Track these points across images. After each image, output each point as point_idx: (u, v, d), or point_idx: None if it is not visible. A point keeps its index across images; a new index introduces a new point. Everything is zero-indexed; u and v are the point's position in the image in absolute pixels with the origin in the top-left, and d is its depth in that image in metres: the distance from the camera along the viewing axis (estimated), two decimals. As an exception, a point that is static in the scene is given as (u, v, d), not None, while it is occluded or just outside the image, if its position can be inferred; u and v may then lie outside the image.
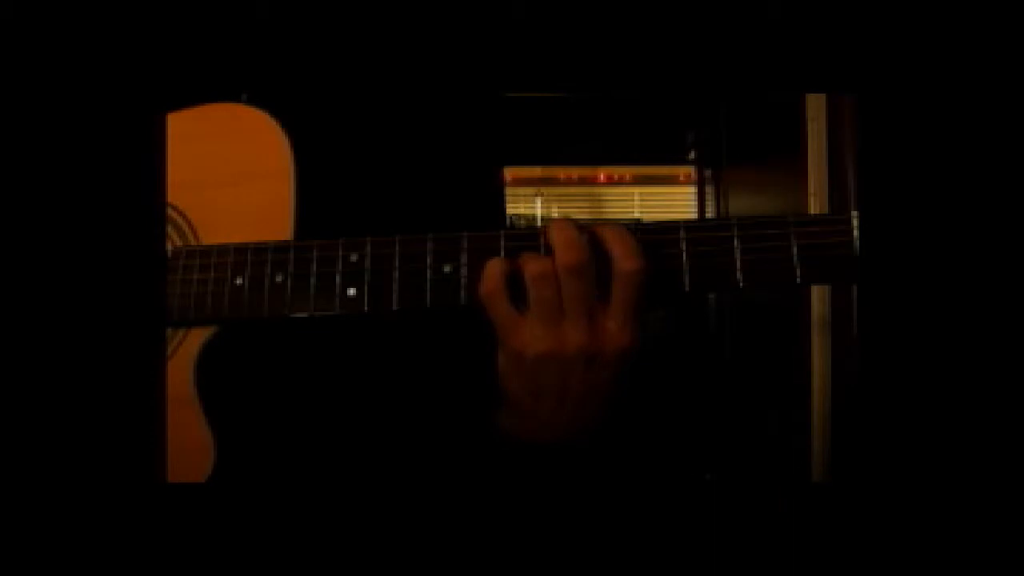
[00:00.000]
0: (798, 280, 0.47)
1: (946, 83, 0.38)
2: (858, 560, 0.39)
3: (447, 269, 0.51)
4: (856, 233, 0.45)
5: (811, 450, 1.67)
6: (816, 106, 1.66)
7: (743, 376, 2.25)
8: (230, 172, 0.57)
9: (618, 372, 0.51)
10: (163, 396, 0.46)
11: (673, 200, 3.88)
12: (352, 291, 0.52)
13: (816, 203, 1.66)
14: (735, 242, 0.48)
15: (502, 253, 0.51)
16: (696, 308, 2.54)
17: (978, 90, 0.37)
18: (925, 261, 0.37)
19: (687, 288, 0.49)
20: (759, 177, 2.44)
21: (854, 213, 0.46)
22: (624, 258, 0.49)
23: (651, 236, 0.50)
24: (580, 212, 3.97)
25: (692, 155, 3.56)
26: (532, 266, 0.50)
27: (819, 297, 1.65)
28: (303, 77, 0.50)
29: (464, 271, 0.51)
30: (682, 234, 0.50)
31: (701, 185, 3.47)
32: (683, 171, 3.79)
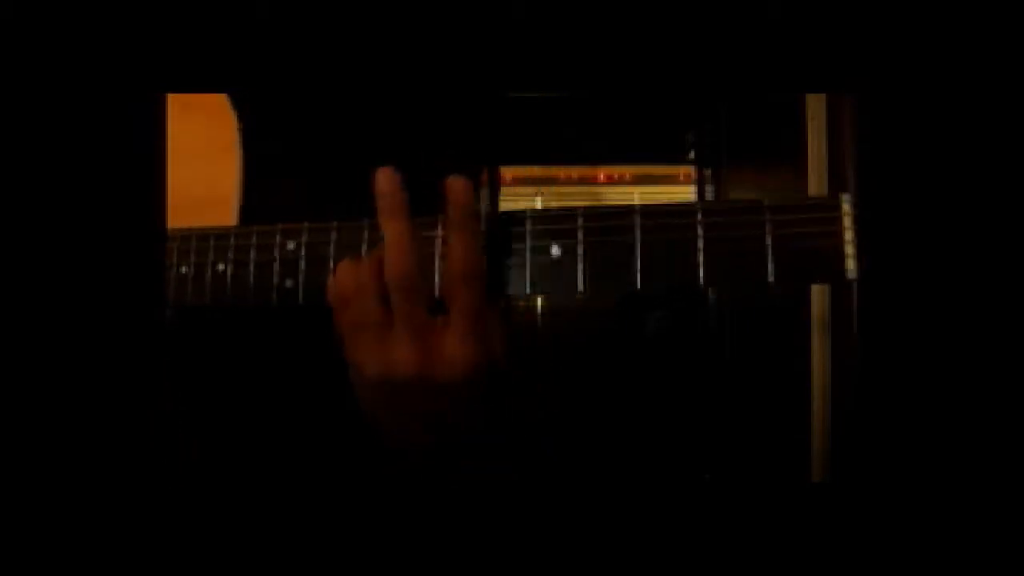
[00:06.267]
0: (770, 278, 0.41)
1: (946, 83, 0.38)
2: (858, 560, 0.39)
3: None
4: (847, 221, 0.39)
5: (811, 450, 1.67)
6: (816, 106, 1.66)
7: (743, 376, 2.25)
8: (177, 149, 0.53)
9: (471, 393, 0.45)
10: (161, 386, 0.46)
11: (673, 199, 3.88)
12: (289, 282, 0.49)
13: (816, 203, 1.65)
14: (698, 229, 0.42)
15: (436, 245, 0.47)
16: (696, 308, 2.53)
17: (978, 90, 0.37)
18: (925, 260, 0.37)
19: (637, 285, 0.43)
20: (759, 177, 2.43)
21: (844, 196, 0.40)
22: (459, 259, 0.43)
23: (602, 222, 0.44)
24: (580, 212, 3.96)
25: (692, 155, 3.56)
26: (342, 278, 0.44)
27: (819, 297, 1.65)
28: (279, 64, 0.48)
29: None
30: (637, 220, 0.44)
31: (701, 185, 3.46)
32: (683, 170, 3.79)
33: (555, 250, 0.45)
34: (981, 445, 0.36)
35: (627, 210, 0.44)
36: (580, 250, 0.44)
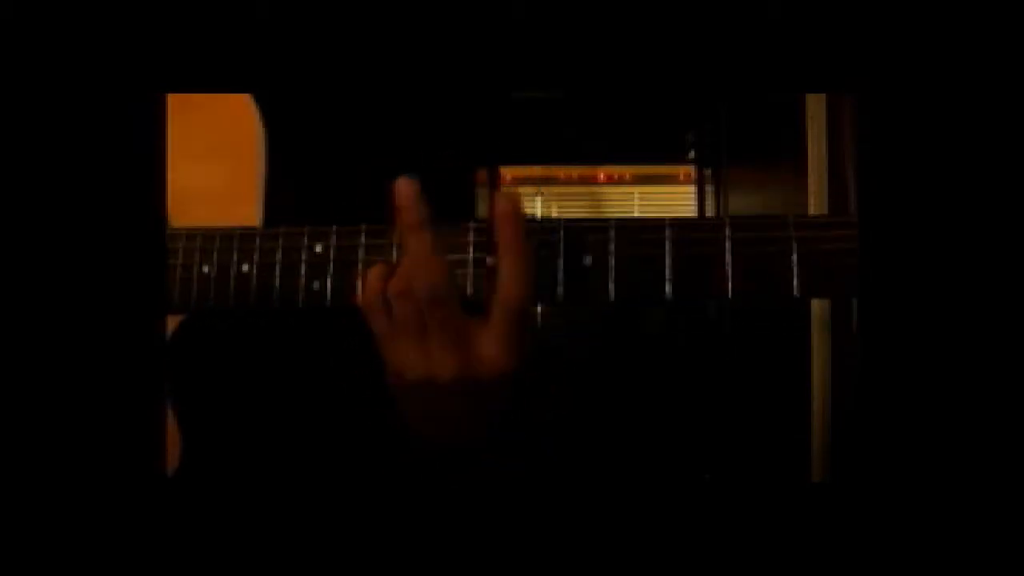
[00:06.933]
0: (796, 292, 0.42)
1: (946, 83, 0.38)
2: (858, 560, 0.39)
3: None
4: None
5: (811, 450, 1.67)
6: (816, 106, 1.66)
7: (743, 376, 2.25)
8: (199, 147, 0.55)
9: (504, 393, 0.47)
10: (162, 384, 0.46)
11: (673, 199, 3.88)
12: (316, 284, 0.50)
13: (816, 203, 1.66)
14: (727, 244, 0.44)
15: (471, 248, 0.48)
16: (696, 307, 2.54)
17: (978, 90, 0.37)
18: (925, 260, 0.37)
19: (669, 296, 0.45)
20: (759, 177, 2.44)
21: None
22: (509, 282, 0.45)
23: (634, 235, 0.46)
24: (580, 211, 3.97)
25: (692, 154, 3.56)
26: (392, 283, 0.45)
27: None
28: (279, 63, 0.48)
29: None
30: (667, 233, 0.45)
31: (701, 184, 3.47)
32: (683, 170, 3.79)
33: (587, 260, 0.46)
34: (981, 445, 0.36)
35: (658, 224, 0.46)
36: (612, 261, 0.46)
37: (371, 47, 0.49)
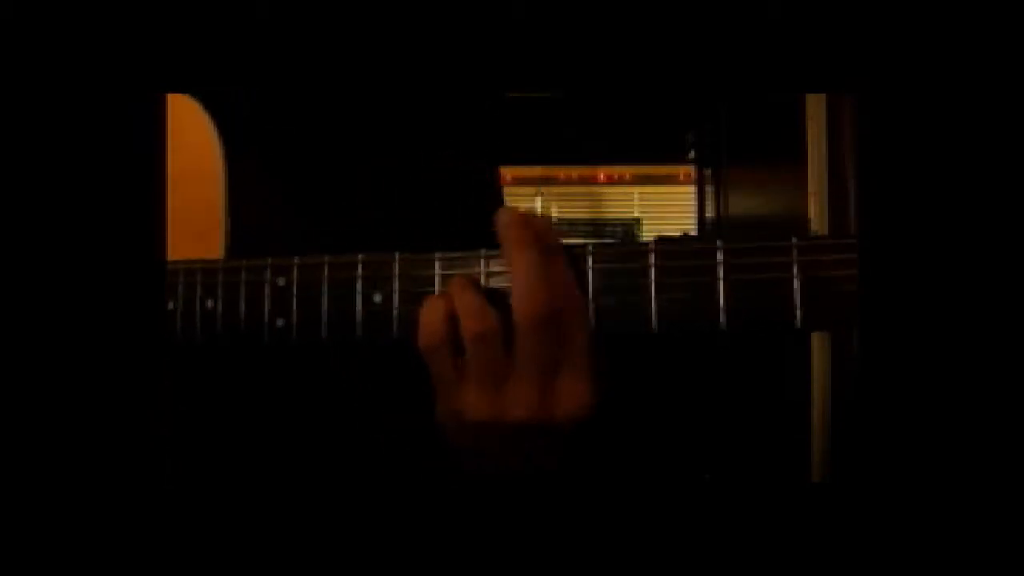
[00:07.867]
0: (798, 324, 0.39)
1: (946, 83, 0.38)
2: (858, 560, 0.39)
3: (377, 299, 0.45)
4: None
5: (811, 450, 1.67)
6: (816, 106, 1.66)
7: (744, 376, 2.25)
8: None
9: (577, 427, 0.43)
10: (160, 401, 0.46)
11: (672, 199, 3.88)
12: (281, 321, 0.47)
13: (816, 203, 1.66)
14: (718, 270, 0.40)
15: (436, 282, 0.44)
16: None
17: (979, 90, 0.37)
18: (926, 262, 0.37)
19: (653, 327, 0.41)
20: (759, 177, 2.44)
21: None
22: (579, 326, 0.41)
23: (616, 263, 0.42)
24: (580, 211, 3.98)
25: (692, 154, 3.57)
26: (472, 323, 0.41)
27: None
28: (278, 63, 0.47)
29: (396, 302, 0.45)
30: (652, 259, 0.41)
31: (701, 184, 3.48)
32: (683, 170, 3.80)
33: None
34: (981, 445, 0.36)
35: (642, 248, 0.42)
36: (590, 290, 0.42)
37: (371, 46, 0.49)
